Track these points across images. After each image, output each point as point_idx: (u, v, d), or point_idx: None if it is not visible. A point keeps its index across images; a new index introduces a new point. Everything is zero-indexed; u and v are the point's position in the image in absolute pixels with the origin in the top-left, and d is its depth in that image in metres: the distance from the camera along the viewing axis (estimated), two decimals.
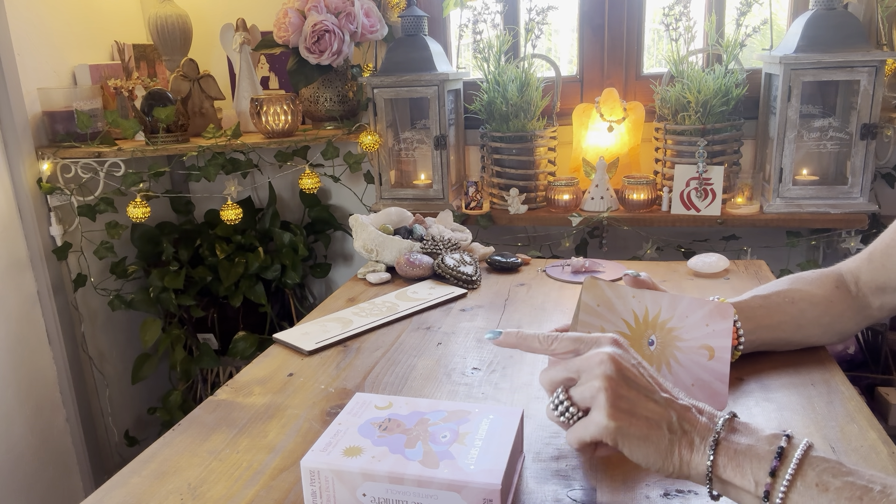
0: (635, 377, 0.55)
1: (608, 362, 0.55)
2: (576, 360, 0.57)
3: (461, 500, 0.54)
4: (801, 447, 0.49)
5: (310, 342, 0.94)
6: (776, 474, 0.48)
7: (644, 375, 0.55)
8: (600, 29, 1.74)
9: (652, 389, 0.54)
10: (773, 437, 0.51)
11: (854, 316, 0.82)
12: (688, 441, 0.52)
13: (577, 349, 0.58)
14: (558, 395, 0.57)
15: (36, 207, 1.59)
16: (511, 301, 1.08)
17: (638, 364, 0.56)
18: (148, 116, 1.61)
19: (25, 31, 1.56)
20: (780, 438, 0.50)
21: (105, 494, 0.64)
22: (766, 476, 0.49)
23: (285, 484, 0.64)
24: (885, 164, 1.61)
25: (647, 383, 0.55)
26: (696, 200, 1.55)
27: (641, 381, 0.55)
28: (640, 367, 0.56)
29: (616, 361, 0.55)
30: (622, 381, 0.54)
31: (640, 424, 0.53)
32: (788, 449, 0.49)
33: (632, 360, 0.56)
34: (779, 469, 0.49)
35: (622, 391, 0.54)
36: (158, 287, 1.73)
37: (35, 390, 1.61)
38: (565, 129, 1.75)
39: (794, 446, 0.49)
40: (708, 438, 0.52)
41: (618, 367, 0.54)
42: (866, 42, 1.41)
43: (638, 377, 0.55)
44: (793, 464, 0.48)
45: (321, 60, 1.60)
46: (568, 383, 0.58)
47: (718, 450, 0.51)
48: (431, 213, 1.47)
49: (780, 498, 0.48)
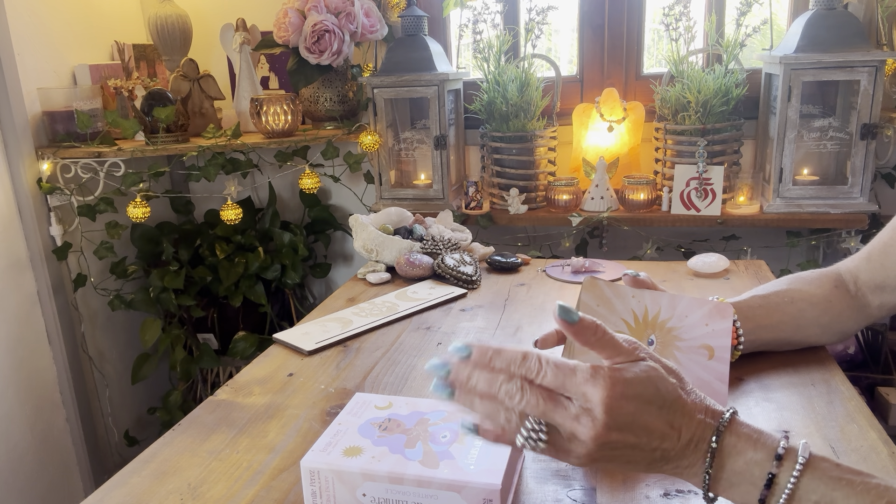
0: (621, 441, 0.48)
1: (592, 440, 0.47)
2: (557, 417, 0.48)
3: (461, 500, 0.54)
4: (794, 470, 0.46)
5: (310, 342, 0.94)
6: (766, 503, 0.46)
7: (635, 430, 0.48)
8: (600, 29, 1.74)
9: (638, 442, 0.48)
10: (764, 461, 0.47)
11: (853, 315, 0.82)
12: (671, 467, 0.50)
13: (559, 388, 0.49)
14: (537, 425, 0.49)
15: (36, 207, 1.59)
16: (511, 301, 1.08)
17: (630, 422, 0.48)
18: (148, 116, 1.61)
19: (25, 31, 1.56)
20: (770, 461, 0.47)
21: (105, 494, 0.64)
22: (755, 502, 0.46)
23: (285, 484, 0.64)
24: (885, 164, 1.61)
25: (634, 439, 0.48)
26: (696, 200, 1.55)
27: (635, 443, 0.48)
28: (633, 424, 0.48)
29: (598, 440, 0.47)
30: (602, 449, 0.48)
31: (616, 464, 0.50)
32: (779, 475, 0.46)
33: (623, 422, 0.48)
34: (768, 499, 0.46)
35: (601, 453, 0.48)
36: (158, 287, 1.73)
37: (35, 390, 1.61)
38: (565, 129, 1.75)
39: (786, 469, 0.46)
40: (698, 469, 0.49)
41: (600, 444, 0.48)
42: (866, 42, 1.41)
43: (634, 439, 0.48)
44: (785, 491, 0.46)
45: (321, 60, 1.60)
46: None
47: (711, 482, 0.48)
48: (431, 213, 1.47)
49: None
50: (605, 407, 0.47)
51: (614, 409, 0.47)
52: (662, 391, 0.49)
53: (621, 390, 0.47)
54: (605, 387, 0.47)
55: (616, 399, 0.47)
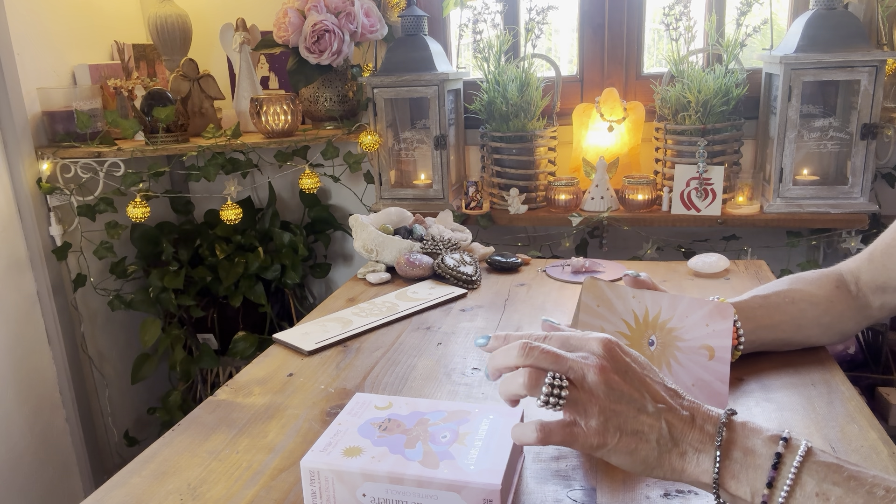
0: (625, 389, 0.52)
1: (598, 373, 0.52)
2: (568, 361, 0.53)
3: (461, 500, 0.54)
4: (798, 453, 0.48)
5: (310, 342, 0.94)
6: (773, 485, 0.48)
7: (634, 382, 0.52)
8: (600, 29, 1.74)
9: (643, 400, 0.52)
10: (770, 442, 0.49)
11: (854, 316, 0.82)
12: (679, 452, 0.51)
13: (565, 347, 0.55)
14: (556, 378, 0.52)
15: (36, 207, 1.59)
16: (511, 301, 1.08)
17: (627, 370, 0.53)
18: (148, 116, 1.61)
19: (25, 31, 1.56)
20: (777, 443, 0.49)
21: (105, 494, 0.64)
22: (763, 487, 0.48)
23: (285, 484, 0.64)
24: (885, 164, 1.61)
25: (637, 394, 0.52)
26: (697, 200, 1.55)
27: (632, 392, 0.52)
28: (630, 373, 0.53)
29: (605, 373, 0.52)
30: (610, 396, 0.51)
31: (627, 441, 0.51)
32: (786, 455, 0.48)
33: (621, 368, 0.53)
34: (776, 479, 0.48)
35: (612, 406, 0.51)
36: (158, 287, 1.73)
37: (35, 390, 1.61)
38: (565, 129, 1.75)
39: (792, 451, 0.48)
40: (706, 450, 0.50)
41: (606, 381, 0.52)
42: (866, 42, 1.41)
43: (628, 388, 0.52)
44: (790, 473, 0.47)
45: (321, 60, 1.60)
46: None
47: (721, 460, 0.50)
48: (431, 213, 1.47)
49: None
50: (605, 349, 0.53)
51: (613, 354, 0.53)
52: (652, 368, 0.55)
53: (618, 347, 0.54)
54: (603, 340, 0.54)
55: (613, 347, 0.54)
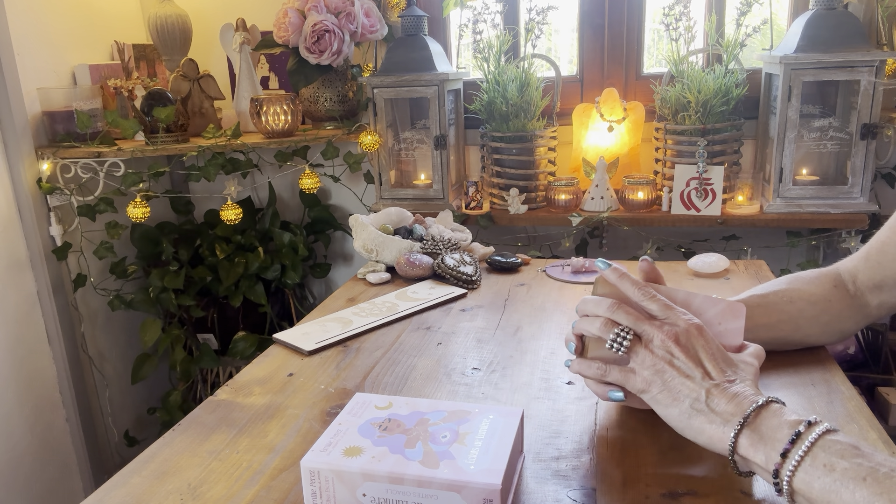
0: (682, 356, 0.61)
1: (664, 337, 0.61)
2: (644, 324, 0.63)
3: (461, 500, 0.54)
4: (816, 431, 0.51)
5: (310, 342, 0.94)
6: (786, 455, 0.52)
7: (694, 357, 0.61)
8: (600, 29, 1.74)
9: (694, 370, 0.60)
10: (795, 423, 0.53)
11: (853, 315, 0.82)
12: (707, 419, 0.57)
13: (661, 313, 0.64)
14: (623, 330, 0.63)
15: (36, 207, 1.59)
16: (511, 301, 1.08)
17: (694, 345, 0.61)
18: (148, 116, 1.61)
19: (25, 31, 1.56)
20: (800, 424, 0.53)
21: (105, 494, 0.64)
22: (777, 456, 0.52)
23: (285, 484, 0.64)
24: (885, 164, 1.61)
25: (691, 363, 0.60)
26: (697, 200, 1.55)
27: (687, 360, 0.60)
28: (696, 350, 0.61)
29: (670, 338, 0.61)
30: (666, 357, 0.61)
31: (666, 395, 0.60)
32: (805, 433, 0.52)
33: (689, 343, 0.61)
34: (790, 451, 0.52)
35: (664, 364, 0.61)
36: (158, 287, 1.73)
37: (35, 390, 1.61)
38: (565, 129, 1.75)
39: (811, 430, 0.52)
40: (733, 420, 0.56)
41: (667, 346, 0.61)
42: (866, 42, 1.41)
43: (684, 357, 0.60)
44: (804, 446, 0.51)
45: (321, 60, 1.60)
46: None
47: (741, 431, 0.55)
48: (431, 213, 1.47)
49: (787, 476, 0.51)
50: (686, 326, 0.62)
51: (690, 332, 0.62)
52: (726, 360, 0.61)
53: (700, 332, 0.62)
54: (691, 321, 0.63)
55: (694, 329, 0.62)
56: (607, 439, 0.68)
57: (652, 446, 0.66)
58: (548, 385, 0.80)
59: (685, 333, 0.62)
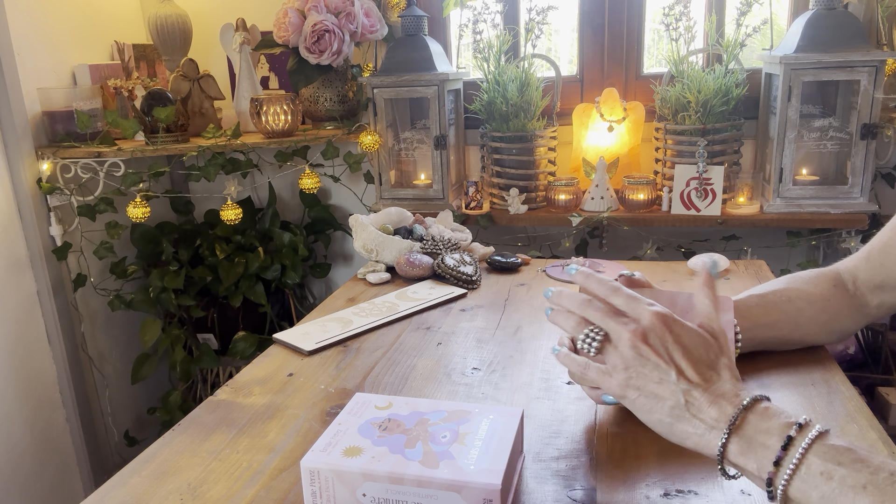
0: (652, 357, 0.58)
1: (630, 338, 0.59)
2: (611, 322, 0.60)
3: (461, 500, 0.54)
4: (809, 436, 0.50)
5: (310, 342, 0.94)
6: (780, 464, 0.50)
7: (665, 354, 0.58)
8: (600, 29, 1.74)
9: (668, 370, 0.57)
10: (785, 426, 0.51)
11: (852, 315, 0.82)
12: (691, 424, 0.56)
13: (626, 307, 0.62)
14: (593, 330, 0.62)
15: (36, 207, 1.59)
16: (511, 301, 1.08)
17: (664, 341, 0.58)
18: (148, 116, 1.61)
19: (25, 31, 1.56)
20: (791, 427, 0.51)
21: (105, 494, 0.64)
22: (769, 465, 0.50)
23: (285, 484, 0.64)
24: (885, 164, 1.61)
25: (664, 364, 0.58)
26: (697, 200, 1.55)
27: (658, 361, 0.58)
28: (666, 345, 0.58)
29: (636, 338, 0.58)
30: (636, 360, 0.58)
31: (644, 400, 0.58)
32: (797, 438, 0.50)
33: (657, 338, 0.58)
34: (783, 459, 0.50)
35: (636, 368, 0.58)
36: (158, 287, 1.73)
37: (35, 390, 1.61)
38: (565, 129, 1.75)
39: (803, 434, 0.50)
40: (718, 427, 0.54)
41: (635, 346, 0.58)
42: (866, 42, 1.41)
43: (655, 357, 0.58)
44: (798, 453, 0.49)
45: (321, 60, 1.60)
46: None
47: (730, 438, 0.53)
48: (431, 213, 1.47)
49: (782, 485, 0.49)
50: (652, 319, 0.59)
51: (656, 325, 0.58)
52: (703, 348, 0.59)
53: (668, 320, 0.59)
54: (656, 312, 0.59)
55: (660, 321, 0.59)
56: (607, 439, 0.68)
57: (652, 446, 0.66)
58: (548, 385, 0.80)
59: (652, 329, 0.59)
